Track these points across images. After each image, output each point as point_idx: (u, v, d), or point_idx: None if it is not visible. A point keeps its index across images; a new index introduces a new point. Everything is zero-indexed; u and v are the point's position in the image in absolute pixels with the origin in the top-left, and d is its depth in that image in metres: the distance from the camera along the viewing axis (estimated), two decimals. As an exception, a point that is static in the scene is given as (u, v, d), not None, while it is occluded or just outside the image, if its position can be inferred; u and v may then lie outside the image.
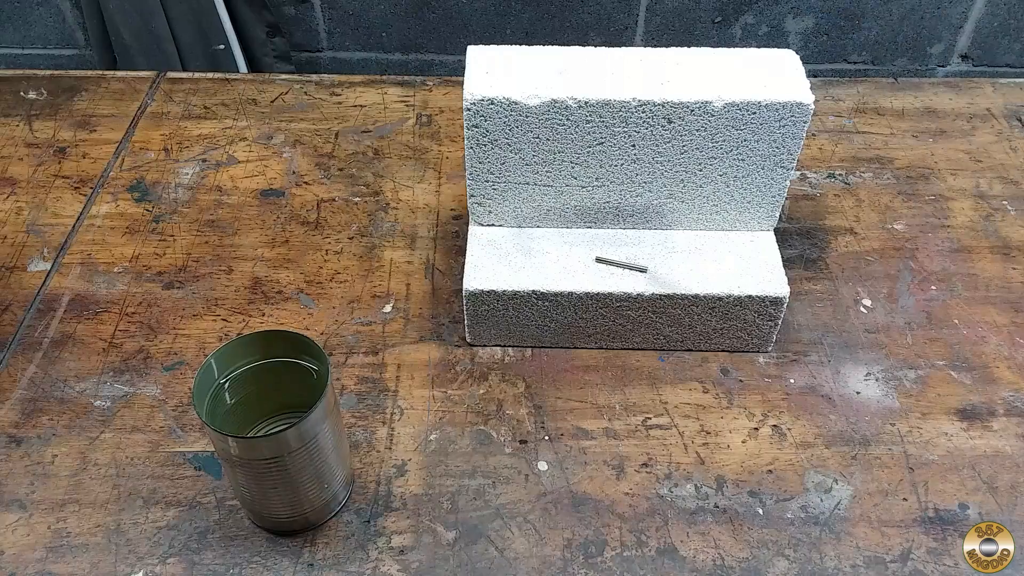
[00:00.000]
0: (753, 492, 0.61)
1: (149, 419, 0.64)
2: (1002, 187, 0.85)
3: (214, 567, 0.56)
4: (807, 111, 0.63)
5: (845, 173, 0.87)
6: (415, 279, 0.76)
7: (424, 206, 0.83)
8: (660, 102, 0.63)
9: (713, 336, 0.69)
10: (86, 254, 0.78)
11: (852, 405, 0.66)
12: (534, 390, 0.67)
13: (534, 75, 0.65)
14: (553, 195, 0.69)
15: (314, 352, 0.56)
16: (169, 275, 0.76)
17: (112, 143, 0.90)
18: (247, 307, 0.73)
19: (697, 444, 0.63)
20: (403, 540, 0.58)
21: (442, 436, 0.64)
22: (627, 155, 0.66)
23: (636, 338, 0.69)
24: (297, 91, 0.97)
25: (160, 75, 0.99)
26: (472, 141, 0.66)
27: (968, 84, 0.99)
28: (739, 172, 0.67)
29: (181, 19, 1.45)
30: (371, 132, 0.92)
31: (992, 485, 0.61)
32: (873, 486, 0.61)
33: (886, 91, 0.98)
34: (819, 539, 0.58)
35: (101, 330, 0.71)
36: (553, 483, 0.61)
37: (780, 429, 0.65)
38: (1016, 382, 0.68)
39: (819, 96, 0.96)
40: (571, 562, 0.57)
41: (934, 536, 0.58)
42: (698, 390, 0.67)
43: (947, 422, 0.65)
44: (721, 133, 0.65)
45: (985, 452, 0.63)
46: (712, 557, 0.57)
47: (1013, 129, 0.93)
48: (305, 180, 0.86)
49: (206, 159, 0.88)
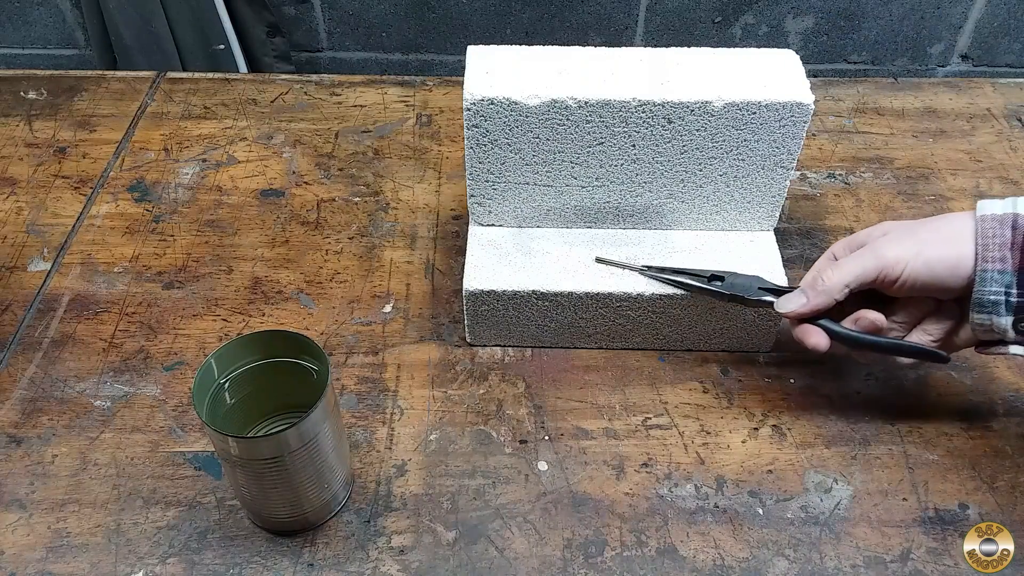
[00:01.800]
0: (753, 492, 0.61)
1: (149, 419, 0.64)
2: (1002, 187, 0.85)
3: (214, 567, 0.56)
4: (807, 111, 0.63)
5: (845, 173, 0.87)
6: (415, 279, 0.76)
7: (424, 206, 0.83)
8: (660, 102, 0.63)
9: (713, 336, 0.69)
10: (86, 254, 0.78)
11: (852, 405, 0.66)
12: (534, 390, 0.67)
13: (534, 75, 0.65)
14: (553, 195, 0.69)
15: (314, 352, 0.56)
16: (169, 275, 0.76)
17: (112, 143, 0.90)
18: (247, 307, 0.73)
19: (697, 444, 0.63)
20: (403, 540, 0.58)
21: (442, 436, 0.64)
22: (627, 155, 0.66)
23: (636, 338, 0.69)
24: (297, 91, 0.97)
25: (160, 75, 0.99)
26: (472, 141, 0.66)
27: (968, 84, 0.99)
28: (739, 172, 0.67)
29: (181, 19, 1.45)
30: (371, 132, 0.92)
31: (992, 485, 0.61)
32: (873, 486, 0.61)
33: (886, 91, 0.98)
34: (819, 539, 0.58)
35: (101, 330, 0.71)
36: (553, 483, 0.61)
37: (780, 429, 0.65)
38: (1016, 382, 0.68)
39: (819, 96, 0.96)
40: (571, 562, 0.57)
41: (934, 536, 0.58)
42: (698, 390, 0.67)
43: (947, 422, 0.65)
44: (721, 133, 0.65)
45: (985, 452, 0.63)
46: (712, 557, 0.57)
47: (1013, 129, 0.93)
48: (305, 180, 0.86)
49: (206, 159, 0.88)
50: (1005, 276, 0.52)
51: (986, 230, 0.52)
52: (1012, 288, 0.52)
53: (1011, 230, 0.52)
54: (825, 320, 0.58)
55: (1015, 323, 0.52)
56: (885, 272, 0.54)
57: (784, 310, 0.59)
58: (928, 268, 0.53)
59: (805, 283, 0.58)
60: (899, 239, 0.55)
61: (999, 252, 0.52)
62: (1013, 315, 0.52)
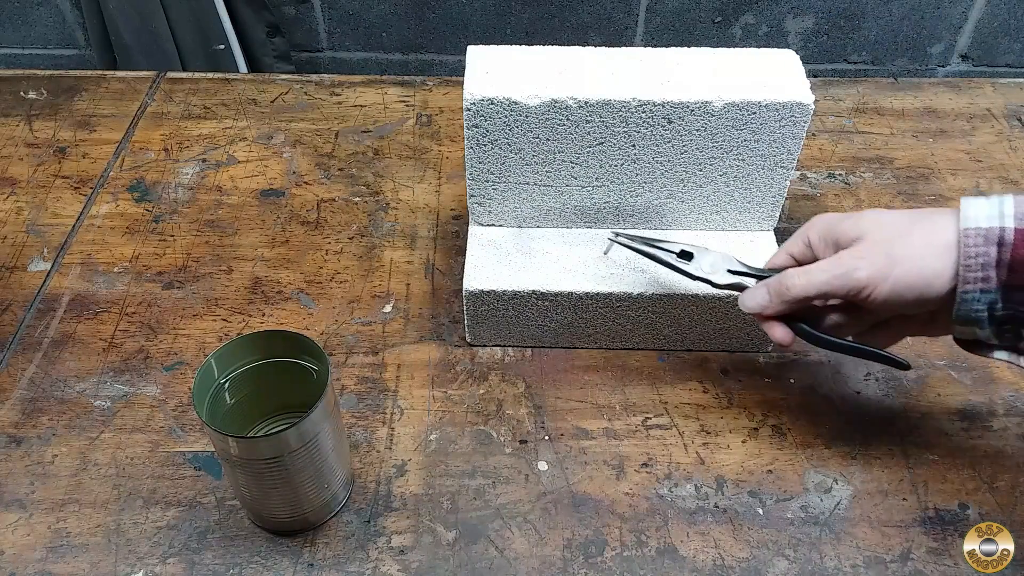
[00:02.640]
0: (753, 492, 0.61)
1: (149, 419, 0.64)
2: (1002, 187, 0.85)
3: (214, 567, 0.56)
4: (807, 111, 0.63)
5: (845, 173, 0.87)
6: (415, 279, 0.76)
7: (424, 206, 0.83)
8: (660, 102, 0.63)
9: (713, 336, 0.69)
10: (86, 254, 0.78)
11: (852, 405, 0.66)
12: (534, 390, 0.67)
13: (534, 75, 0.65)
14: (553, 195, 0.69)
15: (314, 352, 0.56)
16: (169, 275, 0.76)
17: (112, 143, 0.90)
18: (247, 307, 0.73)
19: (697, 444, 0.63)
20: (403, 540, 0.58)
21: (442, 436, 0.64)
22: (627, 155, 0.66)
23: (636, 338, 0.69)
24: (297, 91, 0.97)
25: (160, 75, 0.99)
26: (472, 141, 0.66)
27: (968, 84, 0.99)
28: (739, 172, 0.67)
29: (181, 19, 1.45)
30: (371, 132, 0.92)
31: (992, 485, 0.61)
32: (873, 486, 0.61)
33: (886, 91, 0.98)
34: (819, 539, 0.58)
35: (101, 330, 0.71)
36: (553, 483, 0.61)
37: (780, 429, 0.65)
38: (1016, 382, 0.68)
39: (819, 96, 0.96)
40: (571, 562, 0.57)
41: (934, 536, 0.58)
42: (698, 390, 0.67)
43: (947, 422, 0.65)
44: (721, 133, 0.65)
45: (985, 452, 0.63)
46: (712, 557, 0.57)
47: (1013, 129, 0.93)
48: (305, 180, 0.86)
49: (206, 159, 0.88)
50: (988, 295, 0.49)
51: (968, 250, 0.49)
52: (997, 303, 0.50)
53: (996, 248, 0.49)
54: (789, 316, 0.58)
55: (998, 332, 0.51)
56: (852, 292, 0.53)
57: (745, 308, 0.58)
58: (896, 294, 0.51)
59: (771, 284, 0.57)
60: (872, 256, 0.52)
61: (982, 272, 0.49)
62: (997, 326, 0.51)
